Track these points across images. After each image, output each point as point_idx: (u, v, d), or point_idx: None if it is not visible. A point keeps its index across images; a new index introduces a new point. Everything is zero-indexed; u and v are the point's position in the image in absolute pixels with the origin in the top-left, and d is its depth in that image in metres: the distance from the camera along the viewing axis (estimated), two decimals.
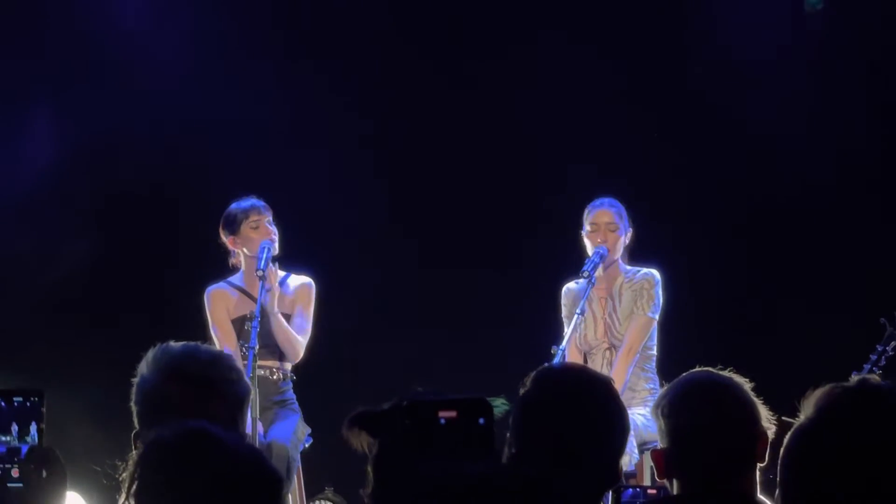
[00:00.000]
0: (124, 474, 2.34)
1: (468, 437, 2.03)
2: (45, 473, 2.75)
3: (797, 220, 7.96)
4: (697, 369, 3.36)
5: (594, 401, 3.01)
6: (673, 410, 3.15)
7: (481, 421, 2.04)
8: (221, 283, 6.63)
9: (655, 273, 6.59)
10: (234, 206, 6.52)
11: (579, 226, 6.61)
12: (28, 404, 2.77)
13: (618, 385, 6.30)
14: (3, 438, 2.77)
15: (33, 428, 2.76)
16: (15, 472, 2.73)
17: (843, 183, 7.90)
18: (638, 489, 3.29)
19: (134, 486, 2.27)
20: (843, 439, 1.95)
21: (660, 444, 3.19)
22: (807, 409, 2.04)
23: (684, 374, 3.32)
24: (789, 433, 2.05)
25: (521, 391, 3.01)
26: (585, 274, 6.41)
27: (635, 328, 6.50)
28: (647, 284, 6.54)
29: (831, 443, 1.96)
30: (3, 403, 2.78)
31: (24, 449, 2.74)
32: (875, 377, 2.07)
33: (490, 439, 2.05)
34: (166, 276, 7.96)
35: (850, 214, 7.87)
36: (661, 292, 6.56)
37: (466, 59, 8.25)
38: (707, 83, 7.98)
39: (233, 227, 6.49)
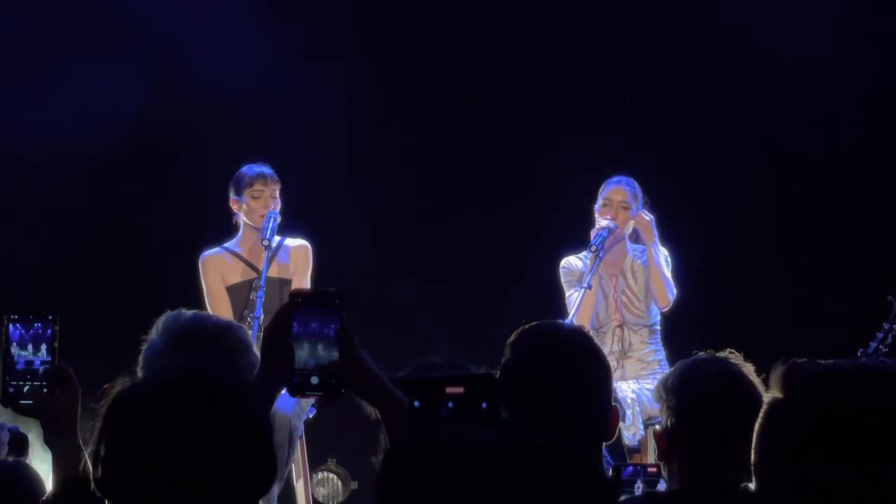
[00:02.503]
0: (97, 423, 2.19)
1: (475, 414, 2.03)
2: (56, 392, 2.74)
3: (801, 198, 7.96)
4: (704, 353, 3.34)
5: (571, 357, 2.97)
6: (681, 383, 3.13)
7: (484, 405, 2.03)
8: (217, 249, 6.54)
9: (666, 252, 6.59)
10: (244, 169, 6.48)
11: (593, 200, 6.60)
12: (41, 327, 2.78)
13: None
14: (23, 353, 2.76)
15: (44, 348, 2.77)
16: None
17: (845, 165, 7.89)
18: (638, 467, 3.27)
19: (103, 434, 2.11)
20: (819, 417, 1.92)
21: (663, 424, 3.16)
22: (776, 386, 2.01)
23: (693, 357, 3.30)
24: (762, 412, 2.02)
25: (503, 359, 2.99)
26: (593, 248, 6.40)
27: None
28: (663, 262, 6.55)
29: (807, 421, 1.93)
30: (21, 328, 2.78)
31: (37, 362, 2.75)
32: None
33: (497, 416, 2.05)
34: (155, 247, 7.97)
35: (854, 194, 7.86)
36: (671, 272, 6.57)
37: (468, 22, 8.25)
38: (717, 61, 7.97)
39: (237, 188, 6.46)
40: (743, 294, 7.90)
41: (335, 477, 7.81)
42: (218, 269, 6.48)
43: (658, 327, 6.60)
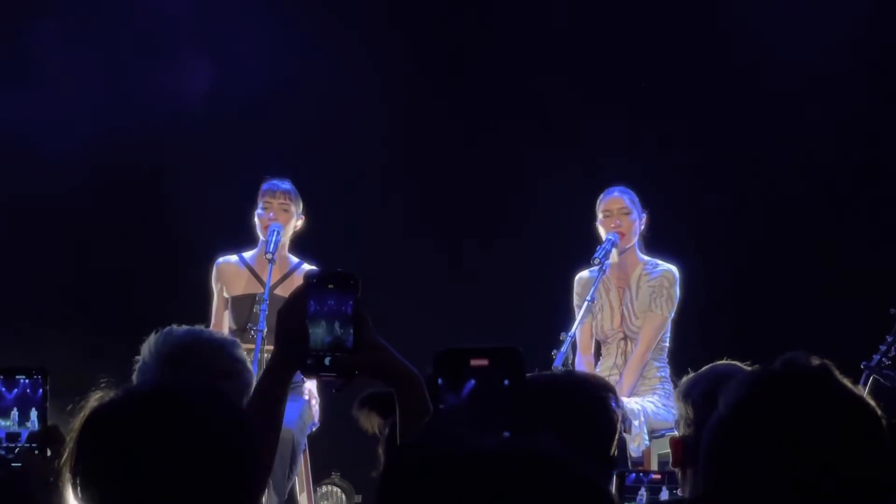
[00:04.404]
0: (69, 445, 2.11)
1: (497, 393, 2.01)
2: (48, 452, 2.69)
3: (806, 210, 7.96)
4: (725, 361, 3.33)
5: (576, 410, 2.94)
6: (706, 399, 3.10)
7: (506, 383, 2.02)
8: (231, 257, 6.60)
9: (675, 270, 6.55)
10: (267, 182, 6.54)
11: (592, 217, 6.61)
12: (31, 390, 2.70)
13: (627, 384, 6.33)
14: (3, 423, 2.70)
15: (34, 414, 2.70)
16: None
17: (851, 173, 7.90)
18: (641, 474, 3.26)
19: (73, 459, 2.05)
20: (758, 426, 1.93)
21: (679, 432, 3.15)
22: (727, 396, 2.01)
23: (713, 364, 3.29)
24: (711, 420, 2.02)
25: None
26: (596, 261, 6.41)
27: (651, 328, 6.47)
28: (666, 282, 6.51)
29: (747, 430, 1.94)
30: (3, 388, 2.70)
31: (24, 434, 2.68)
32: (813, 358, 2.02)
33: (519, 395, 2.03)
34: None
35: (858, 205, 7.87)
36: (679, 291, 6.53)
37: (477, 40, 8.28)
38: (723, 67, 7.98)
39: (256, 200, 6.52)
40: (756, 306, 7.88)
41: (339, 490, 7.80)
42: (222, 279, 6.53)
43: (665, 344, 6.57)
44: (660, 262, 6.59)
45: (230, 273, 6.54)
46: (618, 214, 6.51)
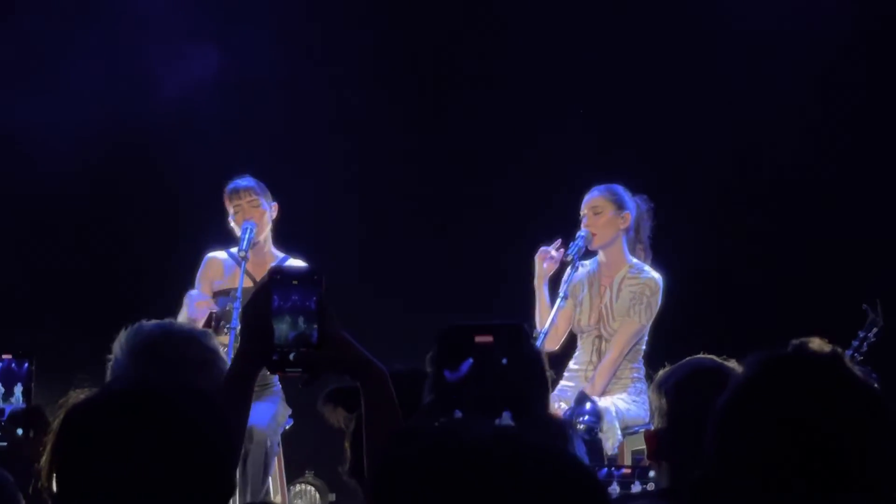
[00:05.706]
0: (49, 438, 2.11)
1: (493, 372, 2.02)
2: (31, 433, 2.68)
3: (780, 206, 7.99)
4: (702, 355, 3.34)
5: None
6: (679, 391, 3.11)
7: (504, 361, 2.03)
8: (221, 252, 6.61)
9: (659, 279, 6.49)
10: (228, 185, 6.51)
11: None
12: (16, 365, 2.70)
13: (597, 386, 6.31)
14: None
15: (18, 390, 2.69)
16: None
17: (829, 171, 7.93)
18: (612, 469, 3.28)
19: (56, 450, 2.04)
20: (768, 407, 1.94)
21: (655, 425, 3.16)
22: (735, 377, 2.03)
23: (689, 358, 3.29)
24: (719, 399, 2.04)
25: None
26: (569, 258, 6.42)
27: (625, 333, 6.43)
28: (647, 290, 6.45)
29: (757, 410, 1.95)
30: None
31: (7, 410, 2.67)
32: (820, 343, 2.04)
33: (519, 371, 2.04)
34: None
35: (833, 202, 7.90)
36: (660, 300, 6.48)
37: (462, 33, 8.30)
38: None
39: (227, 206, 6.50)
40: (733, 301, 7.91)
41: (313, 489, 7.79)
42: (209, 273, 6.53)
43: (642, 347, 6.52)
44: (647, 267, 6.55)
45: (216, 267, 6.54)
46: (589, 214, 6.52)
